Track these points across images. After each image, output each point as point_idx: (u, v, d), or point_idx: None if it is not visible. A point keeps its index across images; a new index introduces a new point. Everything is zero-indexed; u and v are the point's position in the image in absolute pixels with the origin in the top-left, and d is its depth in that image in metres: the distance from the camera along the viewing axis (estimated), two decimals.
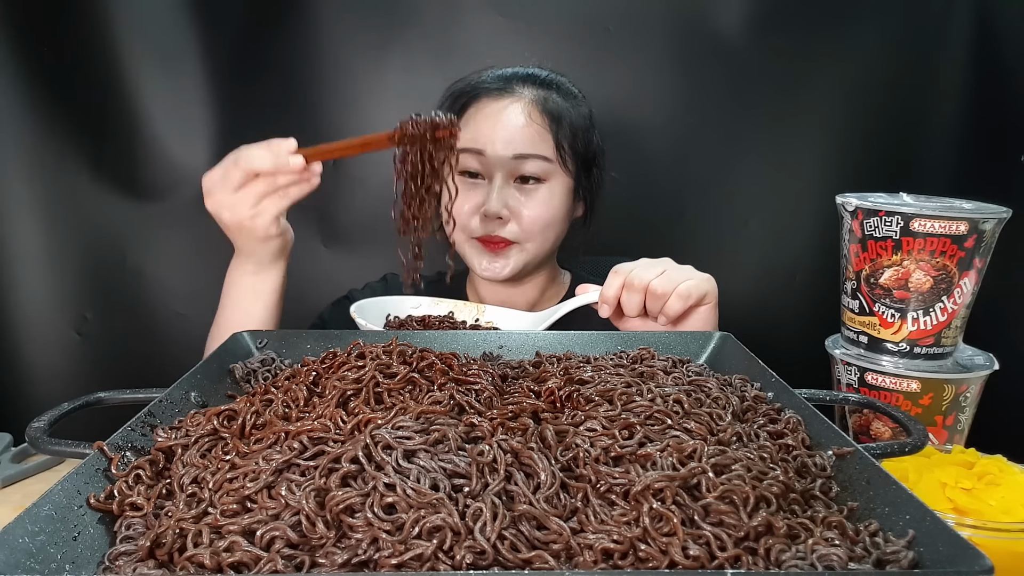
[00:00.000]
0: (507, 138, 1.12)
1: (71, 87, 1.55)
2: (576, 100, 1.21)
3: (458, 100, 1.18)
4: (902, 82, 1.56)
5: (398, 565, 0.47)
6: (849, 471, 0.60)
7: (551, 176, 1.15)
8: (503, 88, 1.15)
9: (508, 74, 1.18)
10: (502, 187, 1.12)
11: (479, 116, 1.15)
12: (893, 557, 0.49)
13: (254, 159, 0.89)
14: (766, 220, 1.63)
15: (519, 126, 1.12)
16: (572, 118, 1.17)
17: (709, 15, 1.55)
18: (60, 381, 1.63)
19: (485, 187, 1.14)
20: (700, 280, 0.94)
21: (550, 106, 1.15)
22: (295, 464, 0.56)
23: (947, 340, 1.05)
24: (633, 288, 0.94)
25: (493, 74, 1.19)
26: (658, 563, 0.48)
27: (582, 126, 1.18)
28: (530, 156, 1.12)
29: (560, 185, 1.16)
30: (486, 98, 1.15)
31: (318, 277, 1.56)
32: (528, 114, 1.13)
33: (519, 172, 1.13)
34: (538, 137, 1.13)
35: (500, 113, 1.13)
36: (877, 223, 1.02)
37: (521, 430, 0.61)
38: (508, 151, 1.12)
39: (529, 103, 1.14)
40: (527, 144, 1.12)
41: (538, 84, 1.17)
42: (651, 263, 0.97)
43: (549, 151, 1.13)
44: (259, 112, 1.58)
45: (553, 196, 1.15)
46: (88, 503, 0.55)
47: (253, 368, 0.83)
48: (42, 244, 1.60)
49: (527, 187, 1.14)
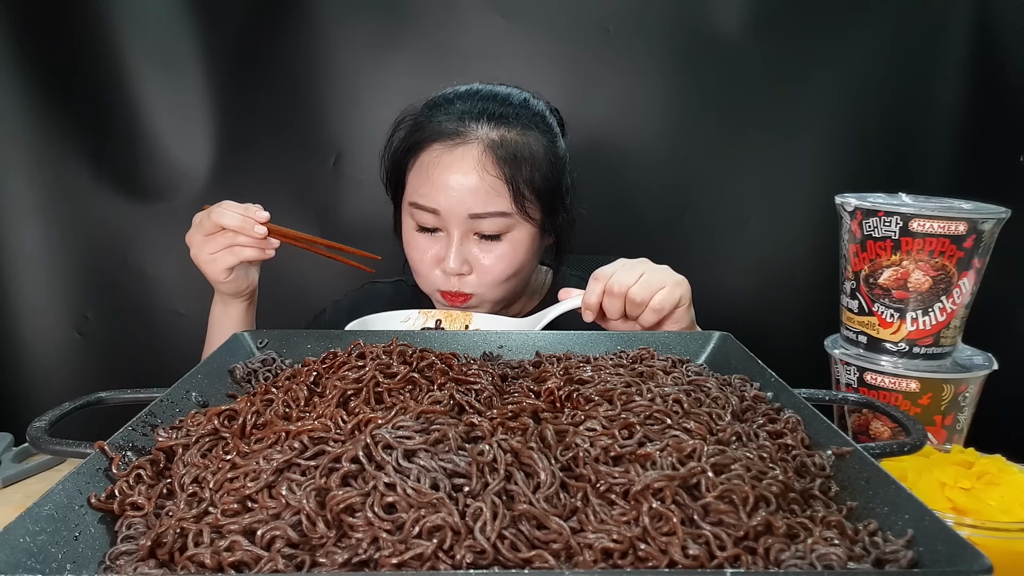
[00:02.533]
0: (461, 196, 1.05)
1: (71, 87, 1.55)
2: (538, 126, 1.12)
3: (410, 139, 1.11)
4: (901, 82, 1.56)
5: (398, 565, 0.47)
6: (848, 471, 0.60)
7: (511, 228, 1.08)
8: (455, 131, 1.07)
9: (464, 109, 1.10)
10: (461, 243, 1.08)
11: (433, 169, 1.07)
12: (892, 556, 0.49)
13: (224, 216, 0.99)
14: (766, 220, 1.63)
15: (472, 182, 1.05)
16: (533, 156, 1.08)
17: (709, 15, 1.55)
18: (61, 381, 1.64)
19: (444, 240, 1.09)
20: (673, 287, 0.95)
21: (505, 152, 1.06)
22: (296, 464, 0.56)
23: (946, 340, 1.05)
24: (613, 294, 0.95)
25: (443, 105, 1.11)
26: (658, 562, 0.48)
27: (543, 160, 1.10)
28: (487, 215, 1.06)
29: (523, 233, 1.10)
30: (439, 144, 1.07)
31: (318, 277, 1.57)
32: (482, 166, 1.05)
33: (477, 229, 1.08)
34: (493, 192, 1.05)
35: (453, 165, 1.06)
36: (876, 223, 1.02)
37: (521, 430, 0.61)
38: (463, 209, 1.06)
39: (483, 151, 1.06)
40: (483, 202, 1.05)
41: (494, 120, 1.08)
42: (629, 267, 0.96)
43: (507, 205, 1.06)
44: (259, 112, 1.58)
45: (516, 249, 1.10)
46: (89, 503, 0.55)
47: (254, 368, 0.83)
48: (43, 244, 1.61)
49: (487, 241, 1.09)
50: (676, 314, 0.96)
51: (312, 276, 1.56)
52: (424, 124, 1.11)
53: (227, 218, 0.99)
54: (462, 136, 1.07)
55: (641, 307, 0.94)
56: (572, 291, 1.01)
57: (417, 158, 1.10)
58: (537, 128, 1.12)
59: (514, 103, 1.12)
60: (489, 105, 1.10)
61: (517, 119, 1.10)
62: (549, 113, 1.17)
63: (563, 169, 1.15)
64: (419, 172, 1.10)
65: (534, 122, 1.12)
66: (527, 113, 1.12)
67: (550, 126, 1.15)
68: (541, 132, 1.12)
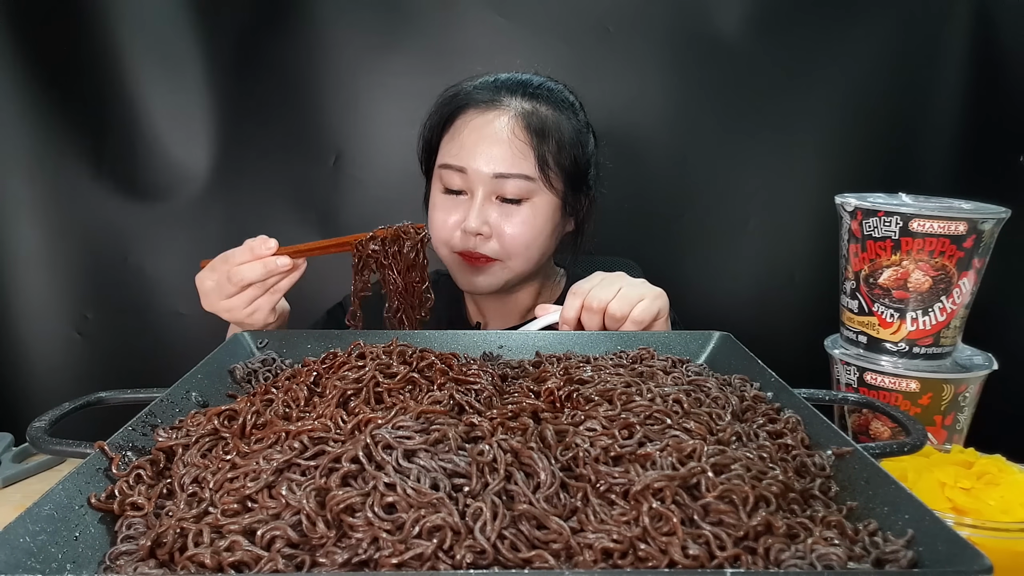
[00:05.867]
0: (489, 156, 1.10)
1: (72, 87, 1.55)
2: (569, 111, 1.17)
3: (446, 108, 1.16)
4: (901, 82, 1.56)
5: (398, 564, 0.47)
6: (848, 471, 0.60)
7: (534, 195, 1.12)
8: (490, 100, 1.13)
9: (499, 82, 1.16)
10: (483, 204, 1.11)
11: (464, 130, 1.13)
12: (892, 556, 0.49)
13: (245, 272, 0.96)
14: (766, 220, 1.63)
15: (501, 144, 1.10)
16: (561, 132, 1.14)
17: (709, 15, 1.55)
18: (61, 381, 1.63)
19: (467, 203, 1.12)
20: (652, 300, 0.97)
21: (536, 120, 1.12)
22: (296, 464, 0.56)
23: (946, 340, 1.05)
24: (592, 309, 0.96)
25: (484, 81, 1.17)
26: (658, 562, 0.48)
27: (571, 140, 1.15)
28: (511, 175, 1.10)
29: (544, 203, 1.13)
30: (473, 110, 1.13)
31: (317, 277, 1.56)
32: (512, 130, 1.11)
33: (500, 191, 1.11)
34: (520, 155, 1.10)
35: (484, 128, 1.11)
36: (876, 223, 1.03)
37: (521, 430, 0.61)
38: (489, 169, 1.10)
39: (514, 117, 1.12)
40: (508, 163, 1.10)
41: (528, 95, 1.14)
42: (608, 282, 0.98)
43: (531, 170, 1.11)
44: (259, 112, 1.58)
45: (536, 215, 1.13)
46: (89, 503, 0.55)
47: (254, 368, 0.83)
48: (43, 244, 1.60)
49: (509, 205, 1.12)
50: (655, 327, 0.98)
51: (312, 276, 1.56)
52: (461, 95, 1.17)
53: (249, 272, 0.96)
54: (496, 104, 1.13)
55: (620, 321, 0.96)
56: (549, 307, 1.03)
57: (452, 124, 1.15)
58: (568, 111, 1.17)
59: (549, 87, 1.19)
60: (525, 84, 1.17)
61: (550, 98, 1.16)
62: (580, 107, 1.22)
63: (589, 156, 1.20)
64: (452, 135, 1.15)
65: (565, 106, 1.18)
66: (560, 97, 1.18)
67: (579, 115, 1.20)
68: (571, 116, 1.17)
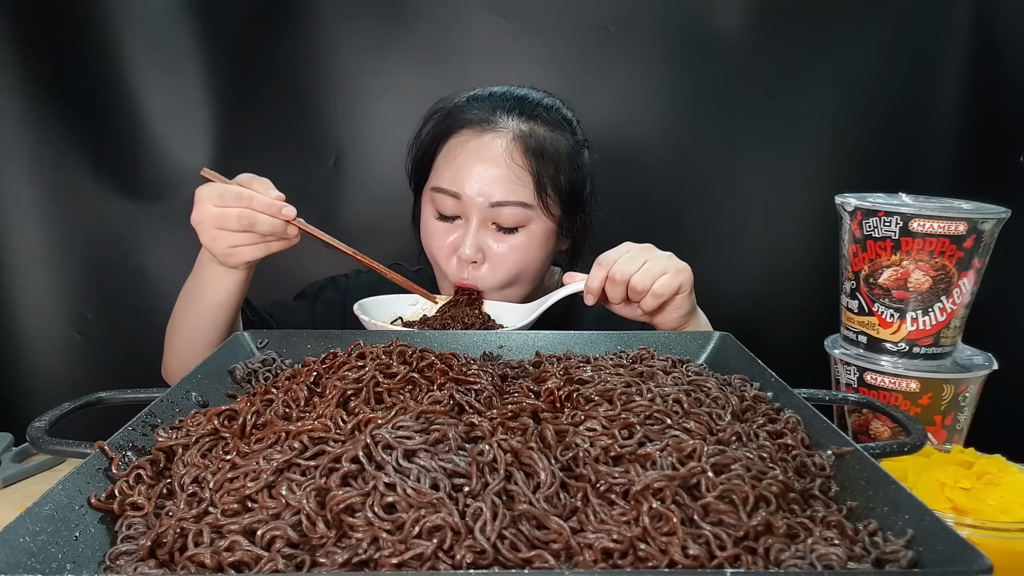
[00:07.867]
0: (484, 183, 1.07)
1: (71, 87, 1.55)
2: (567, 130, 1.15)
3: (439, 127, 1.13)
4: (901, 82, 1.56)
5: (398, 564, 0.47)
6: (848, 471, 0.60)
7: (530, 221, 1.09)
8: (486, 120, 1.10)
9: (495, 98, 1.13)
10: (478, 231, 1.09)
11: (459, 153, 1.09)
12: (892, 556, 0.49)
13: (259, 220, 0.94)
14: (766, 220, 1.63)
15: (498, 171, 1.07)
16: (559, 154, 1.11)
17: (709, 15, 1.55)
18: (61, 381, 1.63)
19: (462, 227, 1.10)
20: (675, 273, 0.97)
21: (533, 143, 1.09)
22: (295, 464, 0.56)
23: (946, 340, 1.05)
24: (615, 281, 0.97)
25: (479, 97, 1.14)
26: (658, 562, 0.48)
27: (568, 161, 1.12)
28: (508, 203, 1.07)
29: (540, 229, 1.11)
30: (467, 130, 1.10)
31: (317, 276, 1.57)
32: (509, 155, 1.07)
33: (496, 218, 1.09)
34: (517, 181, 1.07)
35: (480, 151, 1.08)
36: (876, 223, 1.03)
37: (521, 430, 0.61)
38: (485, 197, 1.07)
39: (511, 140, 1.08)
40: (505, 190, 1.07)
41: (524, 114, 1.11)
42: (633, 254, 0.98)
43: (528, 196, 1.08)
44: (259, 112, 1.58)
45: (531, 242, 1.10)
46: (89, 503, 0.55)
47: (254, 368, 0.83)
48: (43, 244, 1.60)
49: (504, 232, 1.10)
50: (676, 300, 0.98)
51: (312, 275, 1.56)
52: (455, 112, 1.14)
53: (262, 224, 0.94)
54: (492, 125, 1.10)
55: (642, 294, 0.97)
56: (576, 275, 1.03)
57: (446, 143, 1.12)
58: (565, 130, 1.15)
59: (546, 105, 1.16)
60: (521, 102, 1.14)
61: (548, 118, 1.14)
62: (576, 124, 1.20)
63: (585, 175, 1.17)
64: (446, 156, 1.12)
65: (563, 125, 1.15)
66: (557, 115, 1.16)
67: (576, 133, 1.18)
68: (568, 134, 1.15)
